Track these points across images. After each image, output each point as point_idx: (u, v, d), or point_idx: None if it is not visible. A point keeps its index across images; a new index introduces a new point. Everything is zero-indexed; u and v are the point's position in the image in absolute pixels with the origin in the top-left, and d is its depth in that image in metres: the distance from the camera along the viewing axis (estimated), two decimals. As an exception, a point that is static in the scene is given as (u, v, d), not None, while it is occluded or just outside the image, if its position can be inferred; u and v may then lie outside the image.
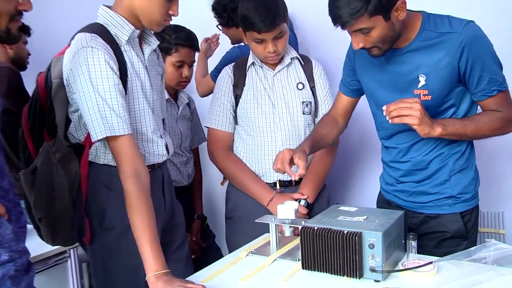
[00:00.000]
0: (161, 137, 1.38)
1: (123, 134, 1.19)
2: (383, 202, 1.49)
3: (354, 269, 1.10)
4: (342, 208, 1.29)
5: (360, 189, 2.20)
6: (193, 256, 1.91)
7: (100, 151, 1.29)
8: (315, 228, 1.15)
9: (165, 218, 1.43)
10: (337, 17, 1.16)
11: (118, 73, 1.21)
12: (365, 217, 1.19)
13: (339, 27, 1.18)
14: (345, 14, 1.14)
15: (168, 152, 1.40)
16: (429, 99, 1.25)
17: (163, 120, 1.46)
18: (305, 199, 1.65)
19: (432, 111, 1.26)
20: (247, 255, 1.31)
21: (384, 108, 1.22)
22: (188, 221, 1.96)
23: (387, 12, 1.17)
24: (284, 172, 1.31)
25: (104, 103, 1.16)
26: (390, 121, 1.20)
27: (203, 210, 2.07)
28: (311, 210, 1.68)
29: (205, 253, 1.96)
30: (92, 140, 1.20)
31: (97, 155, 1.30)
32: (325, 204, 1.75)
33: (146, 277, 1.13)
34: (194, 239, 1.96)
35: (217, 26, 2.00)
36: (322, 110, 1.72)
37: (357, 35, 1.20)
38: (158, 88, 1.38)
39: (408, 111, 1.18)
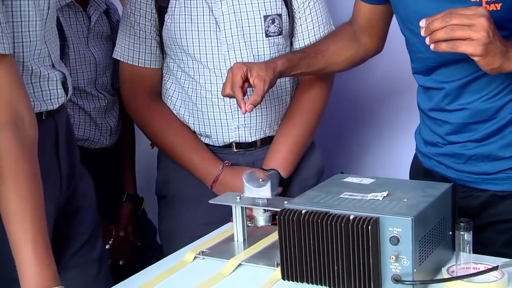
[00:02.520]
0: (53, 66, 1.28)
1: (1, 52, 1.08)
2: (421, 173, 1.46)
3: (366, 278, 1.05)
4: (349, 179, 1.25)
5: (381, 153, 2.19)
6: (120, 262, 1.87)
7: None
8: (303, 211, 1.08)
9: (60, 198, 1.34)
10: None
11: None
12: (385, 193, 1.13)
13: None
14: None
15: (66, 91, 1.31)
16: (498, 8, 1.18)
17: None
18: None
19: (504, 27, 1.18)
20: (196, 257, 1.27)
21: (421, 24, 1.14)
22: (112, 204, 1.92)
23: None
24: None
25: None
26: (432, 47, 1.12)
27: (137, 188, 2.01)
28: (288, 188, 1.67)
29: (140, 256, 1.90)
30: None
31: None
32: (312, 176, 1.72)
33: None
34: (123, 234, 1.89)
35: None
36: (302, 27, 1.65)
37: None
38: None
39: (465, 31, 1.08)
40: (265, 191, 1.26)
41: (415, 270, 1.03)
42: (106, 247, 1.79)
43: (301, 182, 1.67)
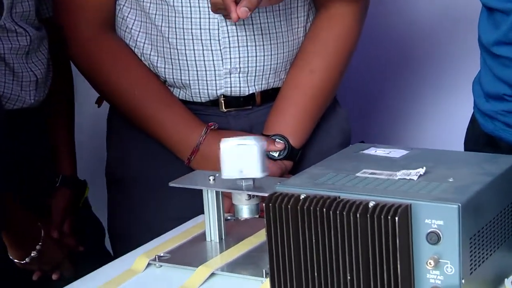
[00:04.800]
0: None
1: None
2: (481, 141, 1.52)
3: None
4: (372, 150, 1.26)
5: (427, 113, 2.24)
6: (54, 277, 1.86)
7: None
8: (301, 196, 1.08)
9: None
10: None
11: None
12: (422, 170, 1.13)
13: None
14: None
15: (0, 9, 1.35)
16: None
17: None
18: (285, 145, 1.66)
19: None
20: (150, 264, 1.29)
21: None
22: (40, 191, 1.90)
23: None
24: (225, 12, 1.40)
25: None
26: None
27: (76, 168, 2.01)
28: (301, 163, 1.71)
29: (83, 268, 1.86)
30: None
31: None
32: (335, 146, 1.76)
33: None
34: (57, 234, 1.89)
35: None
36: None
37: None
38: None
39: None
40: (250, 168, 1.25)
41: (463, 281, 1.02)
42: (32, 254, 1.78)
43: (321, 154, 1.66)
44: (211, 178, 1.29)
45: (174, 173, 1.51)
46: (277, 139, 1.65)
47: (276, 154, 1.65)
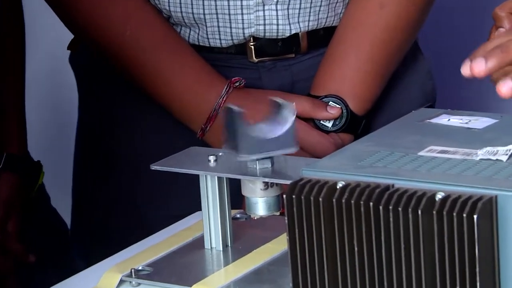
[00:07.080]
0: None
1: None
2: None
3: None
4: (443, 119, 1.28)
5: None
6: None
7: None
8: (339, 185, 1.09)
9: None
10: None
11: None
12: None
13: None
14: None
15: None
16: None
17: None
18: (342, 111, 1.71)
19: None
20: (123, 282, 1.30)
21: None
22: None
23: None
24: None
25: None
26: None
27: (26, 143, 2.04)
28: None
29: (39, 281, 1.95)
30: None
31: None
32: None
33: None
34: None
35: None
36: None
37: None
38: None
39: None
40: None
41: None
42: None
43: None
44: (212, 158, 1.30)
45: (179, 150, 1.54)
46: (330, 102, 1.68)
47: (329, 124, 1.68)
